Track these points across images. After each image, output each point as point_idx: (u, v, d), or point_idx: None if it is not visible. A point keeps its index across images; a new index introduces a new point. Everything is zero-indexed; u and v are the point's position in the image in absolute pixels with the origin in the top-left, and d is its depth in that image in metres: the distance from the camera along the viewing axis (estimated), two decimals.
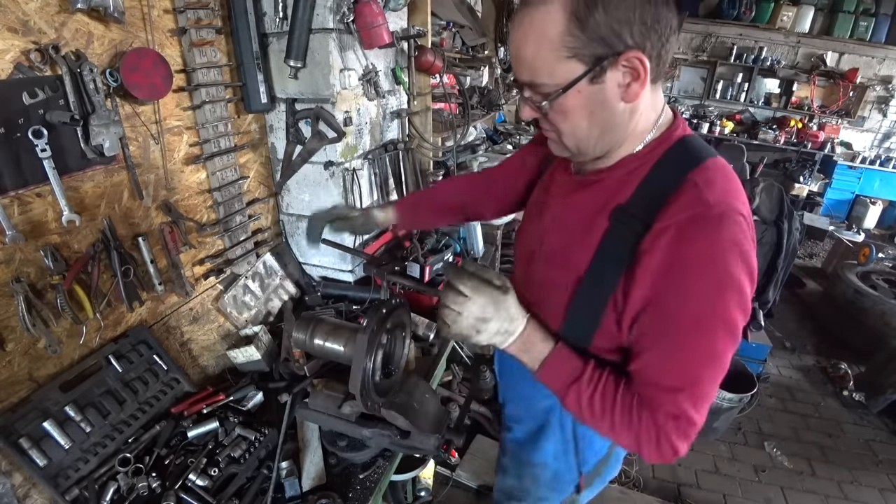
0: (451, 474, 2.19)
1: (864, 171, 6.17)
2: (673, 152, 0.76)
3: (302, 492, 1.08)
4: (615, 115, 0.74)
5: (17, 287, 0.96)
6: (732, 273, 0.67)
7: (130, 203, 1.19)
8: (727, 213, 0.68)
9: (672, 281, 0.69)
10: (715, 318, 0.69)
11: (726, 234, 0.67)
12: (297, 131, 1.53)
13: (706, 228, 0.68)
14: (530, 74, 0.72)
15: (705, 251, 0.68)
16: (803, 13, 5.94)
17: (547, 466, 1.07)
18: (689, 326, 0.70)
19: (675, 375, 0.73)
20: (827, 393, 3.17)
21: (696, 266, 0.68)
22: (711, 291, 0.68)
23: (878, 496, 2.43)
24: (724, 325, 0.70)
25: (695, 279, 0.68)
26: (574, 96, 0.70)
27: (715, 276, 0.68)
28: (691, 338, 0.71)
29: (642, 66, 0.67)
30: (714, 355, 0.72)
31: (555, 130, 0.78)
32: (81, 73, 0.98)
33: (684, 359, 0.72)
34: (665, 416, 0.73)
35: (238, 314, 1.53)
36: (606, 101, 0.72)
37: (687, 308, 0.70)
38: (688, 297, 0.69)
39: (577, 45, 0.66)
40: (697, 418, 0.73)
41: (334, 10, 1.37)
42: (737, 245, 0.67)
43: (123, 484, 1.05)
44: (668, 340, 0.72)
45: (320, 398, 1.10)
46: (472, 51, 3.15)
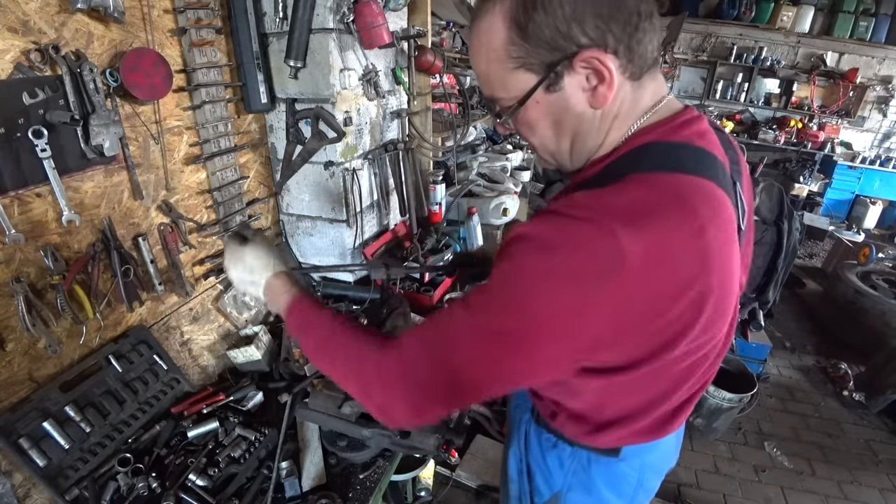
0: (451, 474, 2.19)
1: (864, 171, 6.17)
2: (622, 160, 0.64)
3: (302, 492, 1.08)
4: (583, 122, 0.66)
5: (17, 287, 0.96)
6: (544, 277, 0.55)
7: (130, 203, 1.19)
8: (592, 221, 0.53)
9: (497, 254, 0.66)
10: (505, 299, 0.57)
11: (571, 240, 0.54)
12: (297, 131, 1.53)
13: (549, 223, 0.57)
14: (489, 90, 0.69)
15: (534, 237, 0.57)
16: (803, 13, 5.94)
17: (513, 481, 1.00)
18: (483, 291, 0.61)
19: (433, 324, 0.65)
20: (827, 393, 3.17)
21: (520, 241, 0.58)
22: (518, 272, 0.57)
23: (878, 496, 2.43)
24: (510, 310, 0.57)
25: (514, 253, 0.58)
26: (534, 108, 0.66)
27: (524, 264, 0.57)
28: (479, 307, 0.60)
29: (604, 65, 0.59)
30: (481, 325, 0.59)
31: (529, 143, 0.75)
32: (81, 73, 0.98)
33: (456, 317, 0.62)
34: (389, 363, 0.64)
35: (238, 314, 1.53)
36: (570, 109, 0.65)
37: (495, 274, 0.60)
38: (496, 271, 0.60)
39: (521, 53, 0.61)
40: (417, 375, 0.63)
41: (334, 10, 1.37)
42: (572, 259, 0.54)
43: (123, 484, 1.05)
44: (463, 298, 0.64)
45: (320, 398, 1.10)
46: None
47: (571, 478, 0.89)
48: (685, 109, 0.69)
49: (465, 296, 0.63)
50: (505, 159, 3.10)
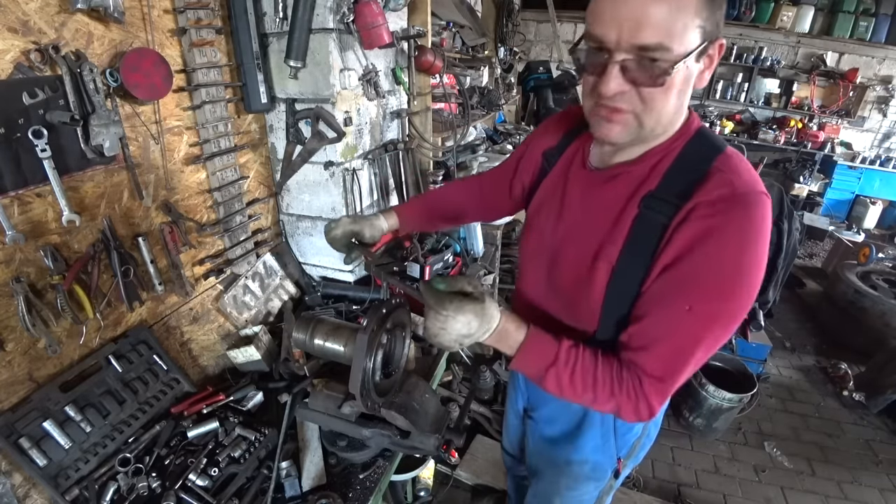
0: (451, 474, 2.19)
1: (864, 171, 6.16)
2: (694, 142, 0.78)
3: (302, 492, 1.08)
4: (686, 99, 0.75)
5: (17, 287, 0.96)
6: (758, 251, 0.69)
7: (130, 203, 1.19)
8: (753, 192, 0.70)
9: (694, 251, 0.70)
10: (737, 285, 0.70)
11: (756, 211, 0.69)
12: (297, 131, 1.53)
13: (736, 205, 0.69)
14: (658, 36, 0.64)
15: (735, 223, 0.69)
16: (803, 13, 5.93)
17: (586, 462, 1.08)
18: (701, 293, 0.71)
19: (671, 342, 0.74)
20: (827, 393, 3.17)
21: (723, 239, 0.69)
22: (736, 264, 0.69)
23: (878, 496, 2.43)
24: (742, 292, 0.70)
25: (720, 251, 0.69)
26: (682, 71, 0.68)
27: (742, 250, 0.69)
28: (701, 305, 0.71)
29: (719, 54, 0.70)
30: (718, 320, 0.72)
31: (635, 109, 0.72)
32: (81, 73, 0.98)
33: (685, 325, 0.72)
34: (649, 381, 0.75)
35: (238, 314, 1.53)
36: (690, 83, 0.72)
37: (710, 270, 0.70)
38: (712, 260, 0.70)
39: (706, 16, 0.65)
40: (680, 377, 0.75)
41: (334, 10, 1.37)
42: (763, 227, 0.69)
43: (123, 484, 1.05)
44: (671, 305, 0.73)
45: (320, 398, 1.10)
46: (472, 51, 3.16)
47: None
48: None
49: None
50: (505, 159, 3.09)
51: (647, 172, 0.79)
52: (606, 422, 1.02)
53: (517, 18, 4.85)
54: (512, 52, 4.52)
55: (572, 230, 0.89)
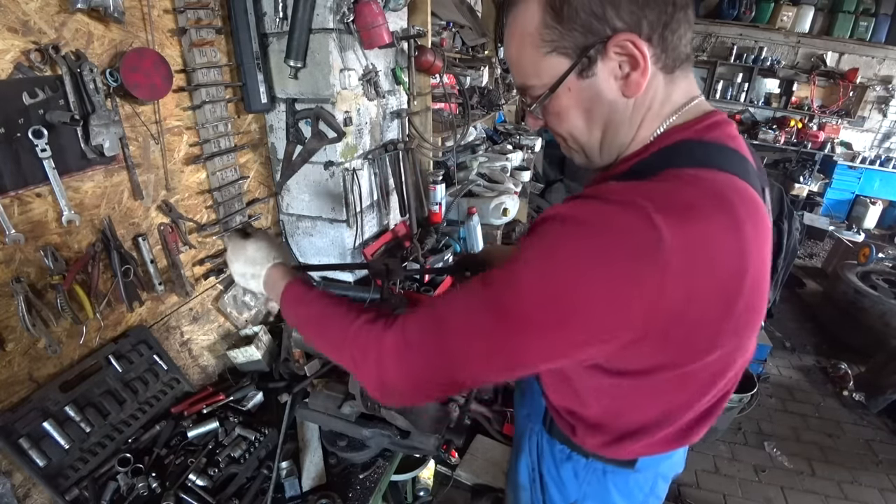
0: (451, 474, 2.19)
1: (864, 171, 6.17)
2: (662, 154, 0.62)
3: (302, 492, 1.08)
4: (615, 112, 0.64)
5: (17, 287, 0.96)
6: (581, 259, 0.52)
7: (130, 203, 1.19)
8: (631, 205, 0.51)
9: (523, 239, 0.63)
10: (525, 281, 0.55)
11: (604, 220, 0.52)
12: (297, 131, 1.53)
13: (588, 202, 0.54)
14: (521, 77, 0.67)
15: (575, 222, 0.54)
16: (803, 13, 5.94)
17: (524, 489, 0.99)
18: (499, 274, 0.58)
19: (443, 304, 0.63)
20: (827, 393, 3.17)
21: (548, 224, 0.56)
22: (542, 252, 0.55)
23: (878, 496, 2.43)
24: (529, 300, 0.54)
25: (538, 235, 0.57)
26: (565, 95, 0.63)
27: (560, 246, 0.53)
28: (496, 281, 0.58)
29: (638, 50, 0.57)
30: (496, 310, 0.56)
31: (559, 136, 0.72)
32: (81, 73, 0.98)
33: (473, 291, 0.60)
34: (397, 326, 0.63)
35: (238, 314, 1.53)
36: (602, 97, 0.62)
37: (514, 257, 0.58)
38: (521, 249, 0.58)
39: (554, 37, 0.60)
40: (427, 345, 0.60)
41: (334, 10, 1.37)
42: (600, 235, 0.51)
43: (123, 484, 1.05)
44: (481, 276, 0.61)
45: (320, 398, 1.10)
46: (472, 51, 3.15)
47: (586, 488, 0.87)
48: (714, 112, 0.67)
49: (485, 273, 0.60)
50: (505, 159, 3.10)
51: (592, 185, 0.69)
52: (531, 458, 0.95)
53: None
54: None
55: None
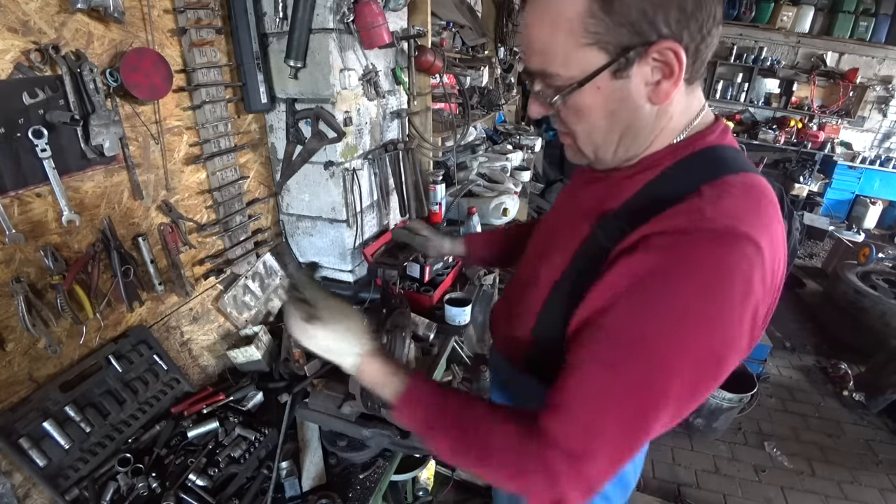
0: (451, 474, 2.19)
1: (864, 171, 6.17)
2: (692, 160, 0.64)
3: (302, 492, 1.08)
4: (639, 119, 0.63)
5: (17, 287, 0.96)
6: (724, 308, 0.53)
7: (130, 203, 1.19)
8: (728, 230, 0.53)
9: (634, 290, 0.56)
10: (676, 351, 0.54)
11: (726, 255, 0.53)
12: (297, 131, 1.53)
13: (696, 241, 0.54)
14: (541, 62, 0.61)
15: (689, 264, 0.54)
16: (803, 13, 5.94)
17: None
18: (636, 347, 0.55)
19: (587, 404, 0.57)
20: (827, 393, 3.17)
21: (669, 278, 0.54)
22: (682, 322, 0.54)
23: (878, 496, 2.43)
24: (682, 362, 0.55)
25: (663, 300, 0.54)
26: (592, 92, 0.60)
27: (695, 305, 0.53)
28: (629, 361, 0.56)
29: (677, 60, 0.56)
30: (646, 391, 0.56)
31: (569, 132, 0.68)
32: (81, 73, 0.98)
33: (609, 382, 0.57)
34: (558, 454, 0.57)
35: (238, 314, 1.53)
36: (629, 101, 0.61)
37: (641, 323, 0.55)
38: (647, 310, 0.55)
39: (600, 29, 0.56)
40: (599, 455, 0.57)
41: (334, 10, 1.37)
42: (733, 272, 0.53)
43: (123, 484, 1.05)
44: (599, 354, 0.58)
45: (320, 398, 1.10)
46: (472, 51, 3.15)
47: None
48: (718, 117, 0.70)
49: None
50: (505, 159, 3.10)
51: (617, 185, 0.68)
52: None
53: (517, 18, 4.85)
54: (512, 52, 4.52)
55: (548, 230, 0.85)
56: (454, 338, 1.76)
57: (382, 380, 0.72)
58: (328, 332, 0.73)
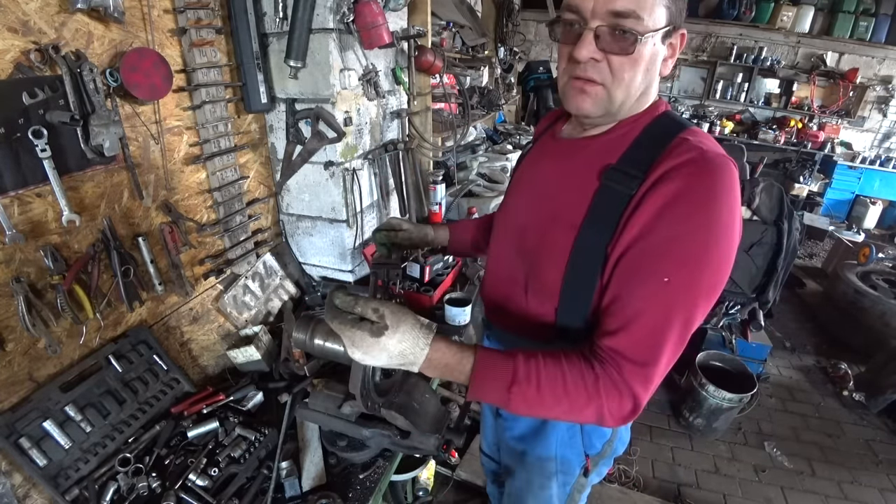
0: (451, 474, 2.19)
1: (864, 171, 6.16)
2: (660, 121, 0.80)
3: (302, 492, 1.08)
4: (651, 83, 0.78)
5: (17, 287, 0.96)
6: (732, 214, 0.68)
7: (130, 203, 1.19)
8: (721, 156, 0.70)
9: (664, 217, 0.68)
10: (712, 248, 0.67)
11: (726, 177, 0.68)
12: (297, 131, 1.53)
13: (705, 167, 0.68)
14: (632, 4, 0.69)
15: (706, 184, 0.67)
16: (803, 13, 5.93)
17: (553, 458, 1.06)
18: (676, 261, 0.67)
19: (649, 316, 0.69)
20: (827, 393, 3.17)
21: (693, 200, 0.67)
22: (709, 227, 0.67)
23: (878, 496, 2.43)
24: (720, 256, 0.68)
25: (691, 213, 0.67)
26: (649, 47, 0.72)
27: (714, 212, 0.67)
28: (677, 273, 0.67)
29: (681, 44, 0.75)
30: (697, 289, 0.68)
31: (605, 81, 0.75)
32: (81, 73, 0.98)
33: (662, 297, 0.68)
34: (630, 367, 0.69)
35: (238, 314, 1.53)
36: (655, 65, 0.75)
37: (676, 243, 0.67)
38: (684, 224, 0.67)
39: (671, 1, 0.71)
40: (662, 359, 0.70)
41: (334, 10, 1.37)
42: (734, 189, 0.68)
43: (123, 484, 1.05)
44: (647, 278, 0.69)
45: (320, 398, 1.10)
46: (472, 51, 3.16)
47: None
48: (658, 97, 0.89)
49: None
50: (505, 159, 3.10)
51: (609, 145, 0.80)
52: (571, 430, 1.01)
53: (517, 18, 4.86)
54: (512, 52, 4.52)
55: (541, 199, 0.89)
56: (454, 338, 1.75)
57: (453, 364, 0.71)
58: (399, 335, 0.68)
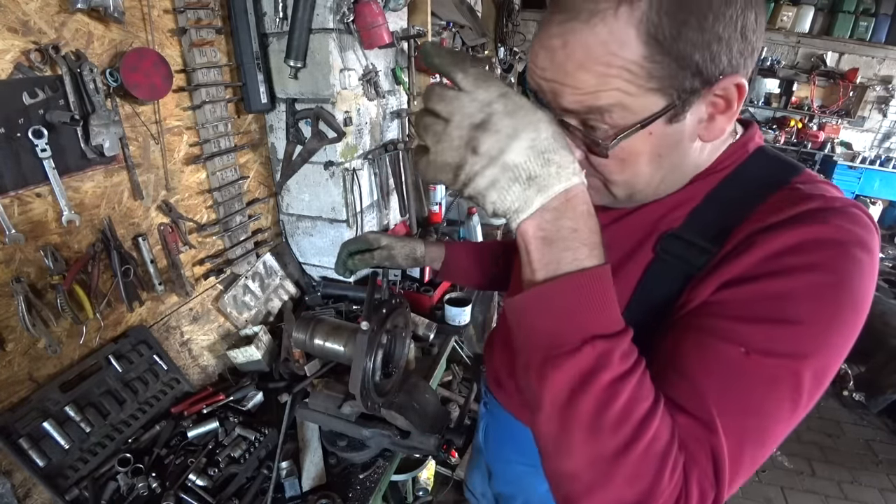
0: (451, 474, 2.19)
1: (864, 171, 6.16)
2: (752, 163, 0.58)
3: (302, 492, 1.08)
4: (686, 157, 0.55)
5: (17, 287, 0.96)
6: (866, 298, 0.49)
7: (130, 203, 1.19)
8: (857, 209, 0.49)
9: (763, 269, 0.48)
10: (827, 343, 0.48)
11: (863, 230, 0.47)
12: (297, 131, 1.53)
13: (841, 219, 0.48)
14: (587, 102, 0.49)
15: (832, 238, 0.47)
16: (803, 13, 5.93)
17: None
18: (783, 319, 0.47)
19: (740, 402, 0.47)
20: (827, 393, 3.16)
21: (813, 252, 0.46)
22: (835, 295, 0.47)
23: (878, 496, 2.43)
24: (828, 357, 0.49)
25: (813, 267, 0.46)
26: (642, 140, 0.51)
27: (847, 280, 0.47)
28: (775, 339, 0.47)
29: (739, 93, 0.50)
30: (797, 395, 0.48)
31: (600, 176, 0.57)
32: (81, 73, 0.98)
33: (753, 370, 0.47)
34: (716, 475, 0.46)
35: (238, 314, 1.53)
36: (680, 143, 0.53)
37: (784, 302, 0.47)
38: (792, 286, 0.47)
39: (664, 73, 0.47)
40: (745, 471, 0.49)
41: (334, 10, 1.37)
42: (873, 248, 0.48)
43: (123, 484, 1.05)
44: (726, 339, 0.48)
45: (320, 398, 1.10)
46: (472, 51, 3.15)
47: None
48: (748, 122, 0.67)
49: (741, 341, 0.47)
50: None
51: (671, 204, 0.60)
52: None
53: (517, 18, 4.85)
54: (512, 52, 4.52)
55: None
56: (454, 338, 1.76)
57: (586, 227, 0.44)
58: (549, 128, 0.43)
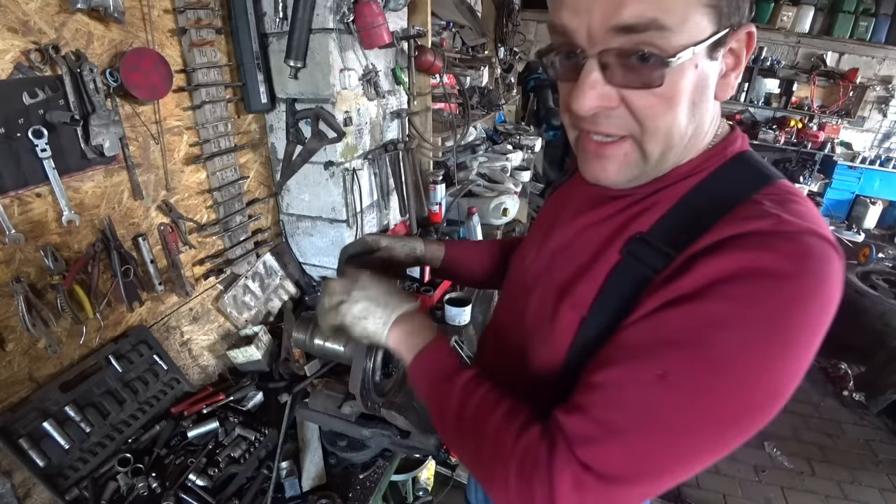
0: (451, 474, 2.19)
1: (864, 171, 6.17)
2: (727, 169, 0.55)
3: (302, 492, 1.08)
4: (705, 116, 0.52)
5: (17, 287, 0.96)
6: (802, 325, 0.46)
7: (130, 203, 1.19)
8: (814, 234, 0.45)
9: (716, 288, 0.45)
10: (747, 373, 0.48)
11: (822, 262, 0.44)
12: (297, 131, 1.53)
13: (784, 243, 0.45)
14: (649, 10, 0.44)
15: (784, 264, 0.44)
16: (803, 13, 5.94)
17: None
18: (714, 352, 0.45)
19: (635, 409, 0.47)
20: (827, 393, 3.17)
21: (760, 276, 0.44)
22: (786, 320, 0.45)
23: (878, 496, 2.43)
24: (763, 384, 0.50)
25: (758, 296, 0.44)
26: (688, 72, 0.47)
27: (795, 301, 0.44)
28: (696, 370, 0.46)
29: (748, 43, 0.49)
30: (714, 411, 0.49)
31: (632, 132, 0.52)
32: (81, 73, 0.98)
33: (659, 393, 0.46)
34: (576, 459, 0.47)
35: (238, 314, 1.53)
36: (707, 92, 0.50)
37: (725, 324, 0.44)
38: (737, 310, 0.44)
39: None
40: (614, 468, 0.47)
41: (334, 10, 1.37)
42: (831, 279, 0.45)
43: (123, 484, 1.05)
44: (650, 358, 0.47)
45: (320, 398, 1.10)
46: (472, 51, 3.15)
47: None
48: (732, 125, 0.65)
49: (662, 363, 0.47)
50: (505, 159, 3.10)
51: (646, 202, 0.57)
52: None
53: (517, 18, 4.85)
54: (512, 52, 4.52)
55: (553, 260, 0.68)
56: (454, 338, 1.75)
57: (408, 337, 0.69)
58: (379, 286, 0.72)
